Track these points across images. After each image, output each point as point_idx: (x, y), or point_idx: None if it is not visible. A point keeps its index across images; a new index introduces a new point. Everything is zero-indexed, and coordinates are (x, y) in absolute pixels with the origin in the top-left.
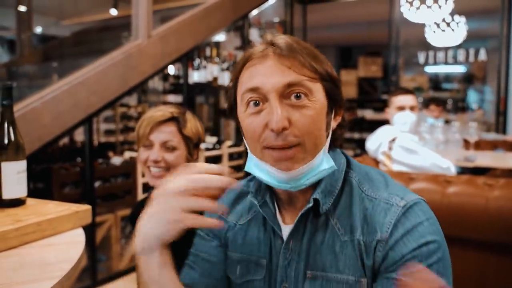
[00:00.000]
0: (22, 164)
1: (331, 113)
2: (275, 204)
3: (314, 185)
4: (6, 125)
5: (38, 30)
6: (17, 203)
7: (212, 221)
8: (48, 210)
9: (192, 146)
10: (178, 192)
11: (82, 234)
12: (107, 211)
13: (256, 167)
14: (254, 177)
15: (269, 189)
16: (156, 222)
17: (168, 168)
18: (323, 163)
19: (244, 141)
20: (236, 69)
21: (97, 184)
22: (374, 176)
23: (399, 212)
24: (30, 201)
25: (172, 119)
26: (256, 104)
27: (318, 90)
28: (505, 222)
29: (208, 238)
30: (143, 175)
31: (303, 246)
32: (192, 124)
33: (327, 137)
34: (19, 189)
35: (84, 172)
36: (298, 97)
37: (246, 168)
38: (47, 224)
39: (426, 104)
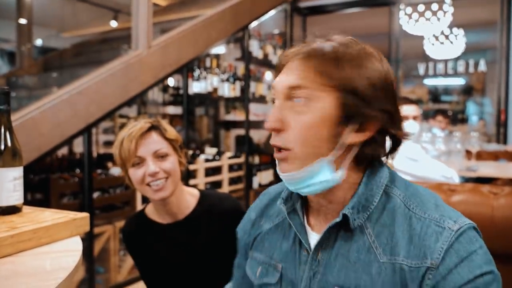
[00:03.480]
0: (18, 171)
1: (345, 126)
2: (304, 212)
3: (343, 195)
4: (2, 130)
5: (39, 42)
6: (13, 210)
7: None
8: (44, 218)
9: (179, 149)
10: None
11: (79, 242)
12: (105, 222)
13: None
14: None
15: (301, 196)
16: None
17: (167, 177)
18: (323, 174)
19: None
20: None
21: (95, 195)
22: (423, 194)
23: (452, 237)
24: (27, 209)
25: (151, 128)
26: (274, 102)
27: (324, 98)
28: (511, 231)
29: (243, 251)
30: None
31: (332, 259)
32: (171, 128)
33: (334, 148)
34: (15, 196)
35: (83, 182)
36: (298, 101)
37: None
38: (43, 232)
39: (432, 115)
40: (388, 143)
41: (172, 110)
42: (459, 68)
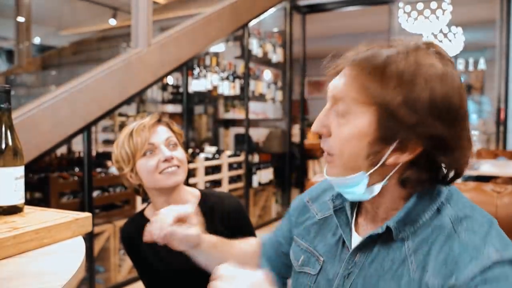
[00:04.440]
0: (20, 170)
1: (384, 145)
2: (354, 210)
3: (390, 205)
4: (3, 129)
5: (37, 40)
6: (14, 210)
7: None
8: (46, 218)
9: (183, 145)
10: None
11: (82, 242)
12: (105, 222)
13: None
14: None
15: None
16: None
17: (178, 165)
18: (359, 187)
19: None
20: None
21: (95, 193)
22: (478, 218)
23: (487, 264)
24: (28, 209)
25: (159, 121)
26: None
27: (363, 114)
28: None
29: (287, 219)
30: None
31: (368, 263)
32: (175, 124)
33: (374, 165)
34: (16, 196)
35: (83, 181)
36: (339, 112)
37: None
38: (45, 232)
39: None
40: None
41: (171, 108)
42: (458, 66)
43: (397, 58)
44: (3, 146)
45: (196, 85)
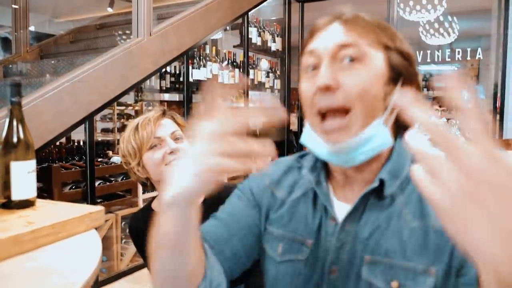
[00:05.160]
0: (31, 164)
1: (394, 85)
2: (329, 185)
3: (375, 164)
4: (15, 123)
5: (34, 28)
6: (27, 204)
7: (259, 165)
8: (60, 212)
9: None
10: (214, 135)
11: (97, 236)
12: (107, 211)
13: (309, 138)
14: (305, 154)
15: (325, 168)
16: (188, 170)
17: None
18: (378, 136)
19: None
20: (305, 42)
21: (97, 183)
22: None
23: None
24: (39, 202)
25: (164, 114)
26: (313, 68)
27: (376, 58)
28: None
29: (244, 200)
30: None
31: (361, 228)
32: (179, 117)
33: (385, 109)
34: (28, 190)
35: (85, 171)
36: (351, 60)
37: (301, 140)
38: (61, 227)
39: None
40: None
41: (169, 97)
42: (453, 55)
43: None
44: (15, 139)
45: (196, 74)
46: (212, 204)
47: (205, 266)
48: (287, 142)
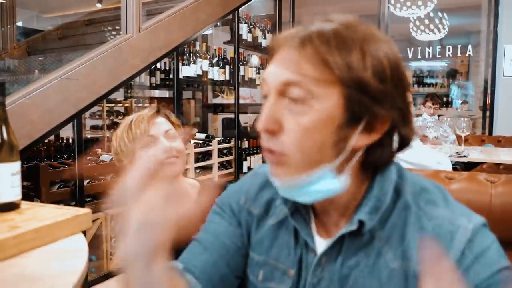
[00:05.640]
0: (16, 165)
1: (354, 126)
2: (310, 212)
3: (346, 198)
4: None
5: (21, 24)
6: (12, 207)
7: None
8: (45, 215)
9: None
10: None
11: (84, 240)
12: (96, 210)
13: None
14: None
15: None
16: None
17: (177, 156)
18: (324, 182)
19: None
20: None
21: (86, 182)
22: (432, 190)
23: (467, 236)
24: (24, 205)
25: (158, 112)
26: (265, 97)
27: (327, 96)
28: (509, 219)
29: (226, 218)
30: None
31: (338, 266)
32: (173, 116)
33: (338, 154)
34: (13, 192)
35: (74, 170)
36: (295, 100)
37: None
38: (46, 231)
39: (423, 100)
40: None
41: (159, 93)
42: (443, 51)
43: (346, 28)
44: None
45: (186, 71)
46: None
47: None
48: None
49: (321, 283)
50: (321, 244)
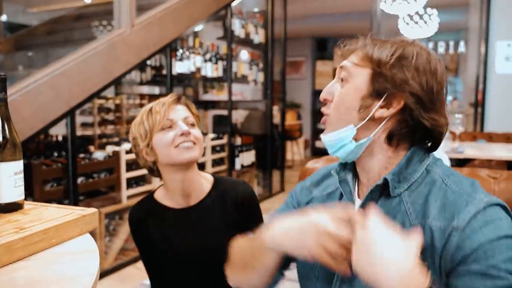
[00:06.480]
0: (19, 164)
1: (375, 98)
2: (356, 183)
3: (376, 164)
4: (0, 121)
5: (8, 18)
6: (15, 207)
7: (342, 269)
8: (51, 215)
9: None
10: (325, 231)
11: (92, 241)
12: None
13: None
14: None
15: (353, 168)
16: (294, 239)
17: (195, 143)
18: (347, 139)
19: None
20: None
21: (79, 180)
22: (462, 176)
23: (481, 206)
24: (27, 205)
25: (179, 100)
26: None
27: (360, 75)
28: None
29: (289, 204)
30: (127, 170)
31: None
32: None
33: (364, 118)
34: (16, 192)
35: (67, 168)
36: (343, 79)
37: None
38: (53, 232)
39: None
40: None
41: (148, 90)
42: (435, 48)
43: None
44: (1, 139)
45: (180, 67)
46: (221, 198)
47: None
48: (271, 135)
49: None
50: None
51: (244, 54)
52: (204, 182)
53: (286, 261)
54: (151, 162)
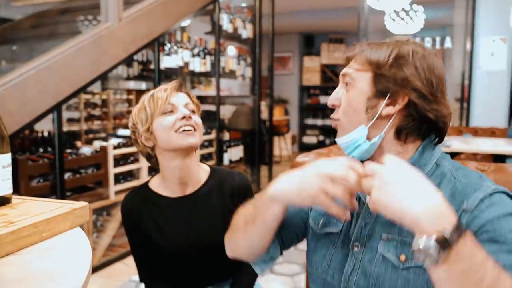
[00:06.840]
0: (7, 158)
1: (380, 98)
2: None
3: None
4: None
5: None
6: (3, 201)
7: (340, 213)
8: (40, 209)
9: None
10: (326, 174)
11: (83, 234)
12: None
13: None
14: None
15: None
16: (294, 185)
17: (195, 129)
18: (361, 139)
19: None
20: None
21: (66, 175)
22: (470, 170)
23: (488, 191)
24: (15, 199)
25: (181, 87)
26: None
27: (362, 79)
28: None
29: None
30: (115, 165)
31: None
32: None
33: (372, 118)
34: (4, 186)
35: (54, 163)
36: (347, 84)
37: None
38: (44, 225)
39: None
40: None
41: (139, 85)
42: (425, 44)
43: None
44: None
45: (168, 62)
46: (217, 187)
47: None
48: (259, 131)
49: (367, 226)
50: None
51: (232, 49)
52: (201, 171)
53: (288, 232)
54: (149, 148)
